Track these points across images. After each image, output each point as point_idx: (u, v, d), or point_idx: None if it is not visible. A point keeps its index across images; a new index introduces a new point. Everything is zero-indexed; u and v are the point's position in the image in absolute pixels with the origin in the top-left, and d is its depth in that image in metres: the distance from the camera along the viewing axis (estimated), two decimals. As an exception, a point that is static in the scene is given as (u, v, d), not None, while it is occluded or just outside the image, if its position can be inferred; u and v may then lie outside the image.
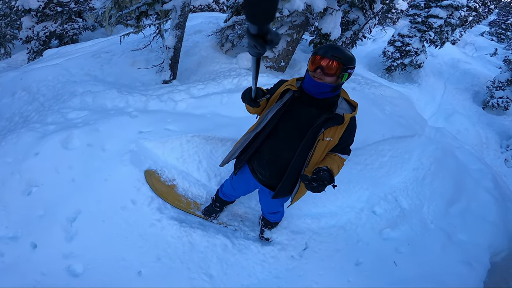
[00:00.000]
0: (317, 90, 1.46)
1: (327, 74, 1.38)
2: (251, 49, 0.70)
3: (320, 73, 1.39)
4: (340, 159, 1.63)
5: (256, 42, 0.65)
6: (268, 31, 0.62)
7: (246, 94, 1.49)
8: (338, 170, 1.58)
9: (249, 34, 0.64)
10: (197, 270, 2.02)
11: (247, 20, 0.57)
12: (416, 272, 2.45)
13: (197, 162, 2.77)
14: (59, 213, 2.07)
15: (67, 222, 2.04)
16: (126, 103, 3.30)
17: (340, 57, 1.36)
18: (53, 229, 1.98)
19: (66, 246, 1.92)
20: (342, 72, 1.38)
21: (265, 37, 0.63)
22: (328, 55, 1.36)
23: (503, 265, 3.05)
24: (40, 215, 2.03)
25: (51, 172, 2.27)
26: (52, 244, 1.92)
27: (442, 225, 3.06)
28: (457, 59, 14.38)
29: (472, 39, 22.05)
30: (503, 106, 10.62)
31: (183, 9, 3.60)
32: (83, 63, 4.10)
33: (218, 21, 5.66)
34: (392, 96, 5.32)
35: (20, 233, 1.95)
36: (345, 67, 1.38)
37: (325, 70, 1.37)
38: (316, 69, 1.39)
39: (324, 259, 2.38)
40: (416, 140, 4.03)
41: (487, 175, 4.04)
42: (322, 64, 1.37)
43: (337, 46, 1.41)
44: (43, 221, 2.00)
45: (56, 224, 2.00)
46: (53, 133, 2.53)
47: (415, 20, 10.55)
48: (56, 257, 1.87)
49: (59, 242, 1.93)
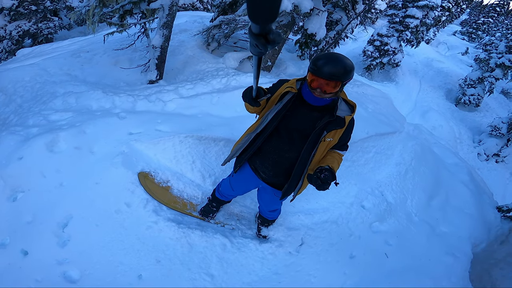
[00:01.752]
0: (319, 103, 1.53)
1: (327, 93, 1.43)
2: (253, 48, 0.70)
3: (320, 92, 1.43)
4: (339, 155, 1.72)
5: (258, 42, 0.65)
6: (270, 30, 0.63)
7: (247, 93, 1.50)
8: (338, 165, 1.67)
9: (251, 34, 0.65)
10: (198, 271, 2.05)
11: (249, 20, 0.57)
12: (406, 263, 2.60)
13: (190, 163, 2.77)
14: (49, 218, 2.02)
15: (58, 227, 1.99)
16: (112, 103, 3.22)
17: (339, 76, 1.36)
18: (44, 236, 1.93)
19: (59, 252, 1.88)
20: (341, 86, 1.43)
21: (267, 37, 0.64)
22: (327, 76, 1.36)
23: (483, 256, 3.30)
24: (28, 221, 1.97)
25: (37, 177, 2.19)
26: (44, 251, 1.87)
27: (425, 217, 3.26)
28: (431, 58, 15.26)
29: (445, 38, 23.36)
30: (474, 103, 11.41)
31: (171, 8, 3.57)
32: (62, 62, 3.94)
33: (203, 20, 5.63)
34: (373, 94, 5.57)
35: (9, 241, 1.89)
36: (344, 82, 1.41)
37: (325, 90, 1.42)
38: (316, 88, 1.43)
39: (320, 253, 2.49)
40: (397, 137, 4.24)
41: (463, 169, 4.35)
42: (322, 85, 1.40)
43: (335, 60, 1.37)
44: (33, 228, 1.95)
45: (46, 230, 1.95)
46: (36, 136, 2.43)
47: (393, 20, 11.07)
48: (50, 263, 1.82)
49: (52, 248, 1.88)
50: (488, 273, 3.51)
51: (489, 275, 3.52)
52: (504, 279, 3.39)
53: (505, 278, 3.41)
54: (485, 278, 3.47)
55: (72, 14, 3.48)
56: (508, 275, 3.46)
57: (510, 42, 10.79)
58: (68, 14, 3.66)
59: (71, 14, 3.53)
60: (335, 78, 1.36)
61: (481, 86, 11.38)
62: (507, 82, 12.15)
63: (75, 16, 3.53)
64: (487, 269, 3.47)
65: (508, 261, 3.62)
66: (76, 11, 3.51)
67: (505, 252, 3.60)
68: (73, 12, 3.46)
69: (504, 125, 9.72)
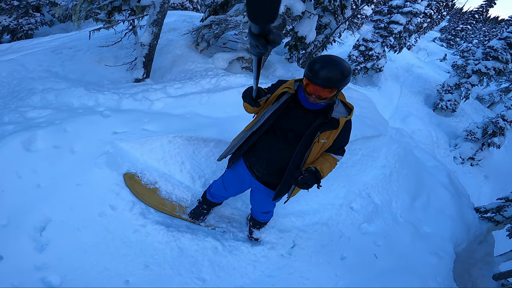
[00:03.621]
0: (315, 107, 1.52)
1: (322, 98, 1.42)
2: (253, 48, 0.70)
3: (315, 98, 1.43)
4: (333, 159, 1.71)
5: (258, 42, 0.65)
6: (270, 31, 0.63)
7: (247, 94, 1.49)
8: (329, 169, 1.66)
9: (251, 34, 0.64)
10: (189, 275, 1.97)
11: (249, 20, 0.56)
12: (394, 263, 2.66)
13: (179, 164, 2.68)
14: (25, 222, 1.89)
15: (35, 231, 1.87)
16: (95, 101, 3.07)
17: (335, 82, 1.34)
18: (20, 240, 1.81)
19: (37, 257, 1.76)
20: (337, 92, 1.42)
21: (267, 37, 0.64)
22: (323, 83, 1.34)
23: (464, 256, 3.41)
24: (3, 224, 1.84)
25: (11, 177, 2.05)
26: (20, 255, 1.75)
27: (409, 218, 3.35)
28: (412, 64, 15.89)
29: (425, 44, 24.44)
30: (451, 108, 11.96)
31: (163, 5, 3.47)
32: (42, 59, 3.73)
33: (193, 20, 5.54)
34: (358, 98, 5.68)
35: None
36: (339, 88, 1.39)
37: (320, 96, 1.41)
38: (311, 94, 1.42)
39: (311, 255, 2.48)
40: (382, 140, 4.33)
41: (442, 172, 4.52)
42: (318, 92, 1.39)
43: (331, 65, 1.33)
44: (7, 231, 1.82)
45: (22, 234, 1.83)
46: (12, 133, 2.27)
47: (378, 25, 11.42)
48: (27, 268, 1.71)
49: (29, 253, 1.76)
50: (468, 273, 3.65)
51: (469, 275, 3.66)
52: (483, 278, 3.54)
53: (484, 277, 3.56)
54: (466, 278, 3.61)
55: (57, 9, 3.31)
56: (486, 274, 3.62)
57: (486, 49, 11.30)
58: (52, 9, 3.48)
59: (56, 9, 3.36)
60: (331, 85, 1.34)
61: (457, 92, 11.93)
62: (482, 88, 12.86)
63: (61, 11, 3.38)
64: (467, 269, 3.60)
65: (486, 261, 3.79)
66: (61, 6, 3.35)
67: (484, 252, 3.77)
68: (59, 7, 3.30)
69: (479, 130, 10.23)
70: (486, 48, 11.32)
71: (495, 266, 3.78)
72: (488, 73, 11.00)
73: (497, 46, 10.88)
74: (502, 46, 10.80)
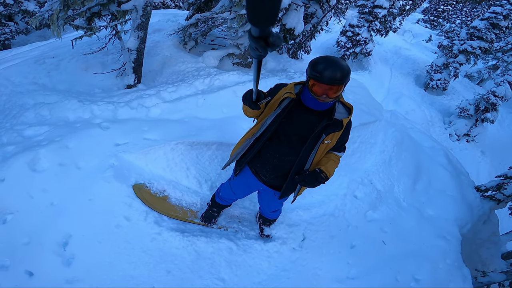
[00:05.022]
0: (322, 108, 1.61)
1: (331, 97, 1.50)
2: (253, 51, 0.72)
3: (325, 97, 1.51)
4: (336, 156, 1.80)
5: (257, 45, 0.66)
6: (269, 33, 0.64)
7: (247, 96, 1.52)
8: (333, 166, 1.75)
9: (251, 36, 0.66)
10: (209, 277, 2.11)
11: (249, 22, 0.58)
12: (402, 248, 2.81)
13: (185, 170, 2.79)
14: (46, 239, 2.01)
15: (59, 247, 1.99)
16: (91, 113, 3.12)
17: (341, 79, 1.42)
18: (45, 256, 1.93)
19: (66, 271, 1.89)
20: (343, 88, 1.51)
21: (267, 40, 0.65)
22: (330, 81, 1.42)
23: (470, 237, 3.54)
24: (25, 242, 1.95)
25: (23, 198, 2.14)
26: (49, 271, 1.88)
27: (412, 202, 3.49)
28: (399, 47, 16.20)
29: (410, 26, 24.83)
30: (441, 87, 12.38)
31: (145, 9, 3.49)
32: (26, 70, 3.71)
33: (177, 19, 5.54)
34: (351, 85, 5.80)
35: (9, 262, 1.88)
36: (344, 84, 1.48)
37: (329, 95, 1.49)
38: (322, 95, 1.49)
39: (322, 246, 2.65)
40: (378, 125, 4.46)
41: (439, 151, 4.71)
42: (327, 91, 1.47)
43: (335, 65, 1.42)
44: (31, 249, 1.94)
45: (47, 250, 1.95)
46: (14, 155, 2.33)
47: (363, 10, 11.61)
48: (58, 283, 1.84)
49: (57, 268, 1.90)
50: (477, 253, 3.77)
51: (478, 255, 3.78)
52: (492, 258, 3.69)
53: (493, 257, 3.71)
54: (475, 258, 3.74)
55: (32, 19, 3.27)
56: (495, 253, 3.77)
57: (470, 29, 11.76)
58: (28, 20, 3.43)
59: (32, 19, 3.32)
60: (338, 82, 1.43)
61: (446, 71, 12.34)
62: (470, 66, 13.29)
63: (36, 21, 3.33)
64: (475, 250, 3.73)
65: (492, 240, 3.90)
66: (37, 16, 3.30)
67: (489, 231, 3.89)
68: (34, 18, 3.26)
69: (471, 107, 10.66)
70: (470, 28, 11.76)
71: (502, 245, 3.90)
72: (475, 52, 11.50)
73: (481, 27, 11.35)
74: (486, 26, 11.28)
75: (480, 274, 3.59)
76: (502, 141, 11.38)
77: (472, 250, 3.67)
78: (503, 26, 11.09)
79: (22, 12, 9.13)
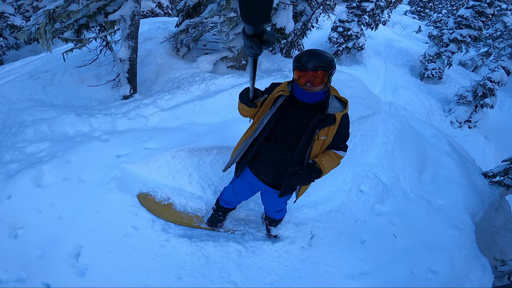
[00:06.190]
0: (312, 100, 1.63)
1: (317, 84, 1.54)
2: (248, 49, 0.72)
3: (310, 85, 1.54)
4: (334, 154, 1.76)
5: (252, 43, 0.67)
6: (264, 31, 0.65)
7: (244, 94, 1.54)
8: (330, 161, 1.71)
9: (245, 35, 0.66)
10: (220, 281, 2.13)
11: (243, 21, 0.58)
12: (415, 241, 2.77)
13: (187, 176, 2.82)
14: (59, 251, 2.07)
15: (72, 258, 2.05)
16: (90, 126, 3.14)
17: (323, 65, 1.47)
18: (60, 267, 1.99)
19: (81, 282, 1.95)
20: (328, 77, 1.55)
21: (261, 37, 0.66)
22: (312, 67, 1.46)
23: (483, 225, 3.47)
24: (38, 255, 2.01)
25: (32, 213, 2.20)
26: (65, 282, 1.94)
27: (419, 192, 3.45)
28: (390, 39, 16.39)
29: (398, 18, 25.15)
30: (437, 76, 12.51)
31: (133, 18, 3.52)
32: (22, 86, 3.76)
33: (167, 26, 5.59)
34: (347, 80, 5.88)
35: (25, 275, 1.94)
36: (329, 72, 1.51)
37: (314, 82, 1.53)
38: (306, 83, 1.54)
39: (331, 243, 2.65)
40: (377, 117, 4.48)
41: (442, 139, 4.71)
42: (310, 78, 1.50)
43: (315, 53, 1.49)
44: (45, 261, 2.00)
45: (60, 262, 2.01)
46: (19, 172, 2.38)
47: (350, 5, 11.76)
48: None
49: (73, 279, 1.96)
50: (494, 242, 3.72)
51: (495, 244, 3.72)
52: (510, 246, 3.61)
53: (510, 245, 3.63)
54: (492, 247, 3.67)
55: (20, 34, 3.30)
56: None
57: (457, 18, 11.98)
58: (16, 34, 3.46)
59: (20, 34, 3.36)
60: (320, 68, 1.47)
61: (440, 60, 12.52)
62: (463, 54, 13.43)
63: (24, 36, 3.37)
64: (491, 238, 3.67)
65: (508, 228, 3.86)
66: (24, 30, 3.34)
67: (503, 219, 3.84)
68: (22, 32, 3.29)
69: (469, 93, 10.77)
70: (457, 17, 11.98)
71: (517, 232, 3.80)
72: (465, 40, 11.72)
73: (467, 15, 11.60)
74: (472, 15, 11.52)
75: (499, 263, 3.53)
76: (505, 125, 11.46)
77: (488, 239, 3.60)
78: (489, 14, 11.30)
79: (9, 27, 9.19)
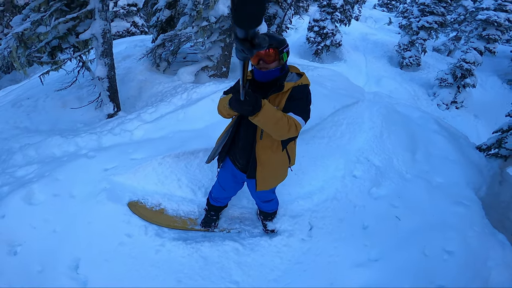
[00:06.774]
0: (268, 78, 1.68)
1: (269, 62, 1.62)
2: (238, 53, 0.73)
3: (263, 63, 1.63)
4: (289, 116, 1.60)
5: (243, 46, 0.68)
6: (255, 35, 0.66)
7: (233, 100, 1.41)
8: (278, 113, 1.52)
9: (237, 39, 0.67)
10: (221, 281, 2.08)
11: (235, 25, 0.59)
12: (420, 221, 2.63)
13: (176, 181, 2.81)
14: (57, 264, 2.08)
15: (71, 271, 2.05)
16: (76, 145, 3.13)
17: (272, 43, 1.57)
18: (61, 281, 2.01)
19: None
20: (280, 54, 1.62)
21: (252, 41, 0.67)
22: None
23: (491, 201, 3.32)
24: (39, 270, 2.03)
25: (27, 229, 2.21)
26: None
27: (416, 172, 3.35)
28: (365, 33, 16.88)
29: (369, 13, 25.84)
30: (415, 63, 12.91)
31: (104, 35, 3.56)
32: (5, 115, 3.78)
33: (144, 43, 5.66)
34: (329, 74, 6.00)
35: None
36: (280, 50, 1.61)
37: (265, 60, 1.61)
38: (258, 61, 1.62)
39: (332, 232, 2.56)
40: (361, 105, 4.50)
41: (429, 120, 4.69)
42: (262, 56, 1.59)
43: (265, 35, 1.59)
44: (46, 275, 2.02)
45: (61, 275, 2.03)
46: (9, 193, 2.38)
47: (321, 4, 12.13)
48: None
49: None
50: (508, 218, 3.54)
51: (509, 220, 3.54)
52: None
53: None
54: (507, 224, 3.49)
55: None
56: None
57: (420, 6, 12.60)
58: None
59: None
60: (270, 46, 1.57)
61: (414, 48, 12.93)
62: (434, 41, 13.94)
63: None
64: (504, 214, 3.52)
65: None
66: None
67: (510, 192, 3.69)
68: None
69: (449, 76, 11.09)
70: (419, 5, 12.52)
71: (528, 206, 3.61)
72: (432, 26, 12.20)
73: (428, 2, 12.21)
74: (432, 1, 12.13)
75: (518, 238, 3.43)
76: (490, 102, 11.71)
77: (500, 215, 3.48)
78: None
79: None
